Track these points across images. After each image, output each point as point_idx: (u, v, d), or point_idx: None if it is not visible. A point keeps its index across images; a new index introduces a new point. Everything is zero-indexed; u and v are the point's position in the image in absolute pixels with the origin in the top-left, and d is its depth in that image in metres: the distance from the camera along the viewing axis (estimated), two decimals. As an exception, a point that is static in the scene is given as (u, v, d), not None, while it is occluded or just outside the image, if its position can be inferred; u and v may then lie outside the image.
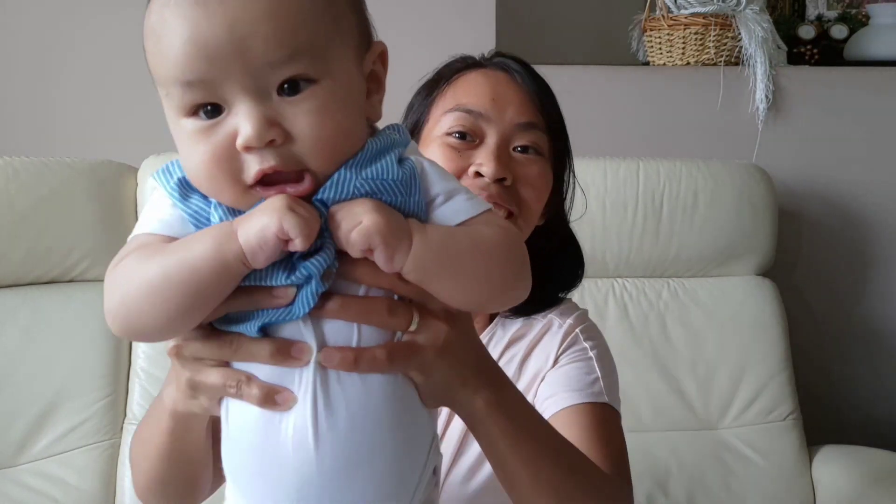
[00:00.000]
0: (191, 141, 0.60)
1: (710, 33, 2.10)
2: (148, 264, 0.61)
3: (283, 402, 0.61)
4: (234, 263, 0.58)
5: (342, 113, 0.61)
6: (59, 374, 1.67)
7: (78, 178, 1.72)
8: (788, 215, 2.05)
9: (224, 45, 0.57)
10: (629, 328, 1.80)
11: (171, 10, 0.59)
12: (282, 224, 0.56)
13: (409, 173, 0.62)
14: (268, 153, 0.58)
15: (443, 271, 0.63)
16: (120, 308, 0.62)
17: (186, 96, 0.60)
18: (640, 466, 1.74)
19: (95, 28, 2.02)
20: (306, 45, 0.59)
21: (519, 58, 1.09)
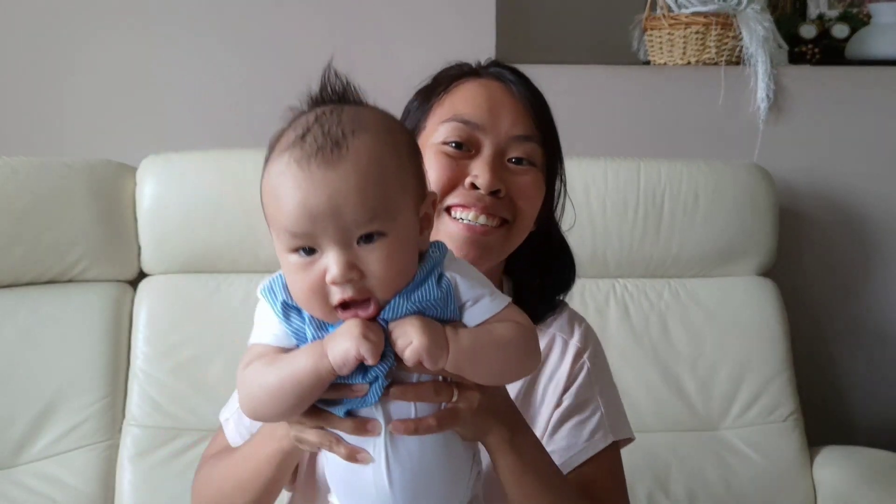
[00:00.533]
0: (293, 271, 0.82)
1: (711, 32, 2.09)
2: (267, 374, 0.84)
3: (363, 460, 0.86)
4: (326, 375, 0.80)
5: (402, 256, 0.81)
6: (58, 375, 1.67)
7: (77, 177, 1.72)
8: (790, 215, 2.05)
9: (324, 210, 0.78)
10: (630, 328, 1.80)
11: (288, 180, 0.80)
12: (359, 349, 0.78)
13: (446, 291, 0.84)
14: (347, 287, 0.80)
15: (472, 366, 0.83)
16: (250, 403, 0.86)
17: (292, 241, 0.80)
18: (641, 466, 1.74)
19: (95, 28, 2.02)
20: (382, 210, 0.79)
21: (515, 68, 1.12)
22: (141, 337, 1.72)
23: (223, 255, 1.76)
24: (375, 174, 0.80)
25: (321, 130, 0.81)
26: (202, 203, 1.74)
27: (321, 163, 0.79)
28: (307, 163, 0.79)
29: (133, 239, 1.77)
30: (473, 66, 1.12)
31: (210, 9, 2.04)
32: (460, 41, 2.06)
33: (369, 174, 0.79)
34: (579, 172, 1.81)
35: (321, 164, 0.79)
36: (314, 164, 0.79)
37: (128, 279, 1.79)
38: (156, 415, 1.68)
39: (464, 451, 0.92)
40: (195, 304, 1.74)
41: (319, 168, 0.79)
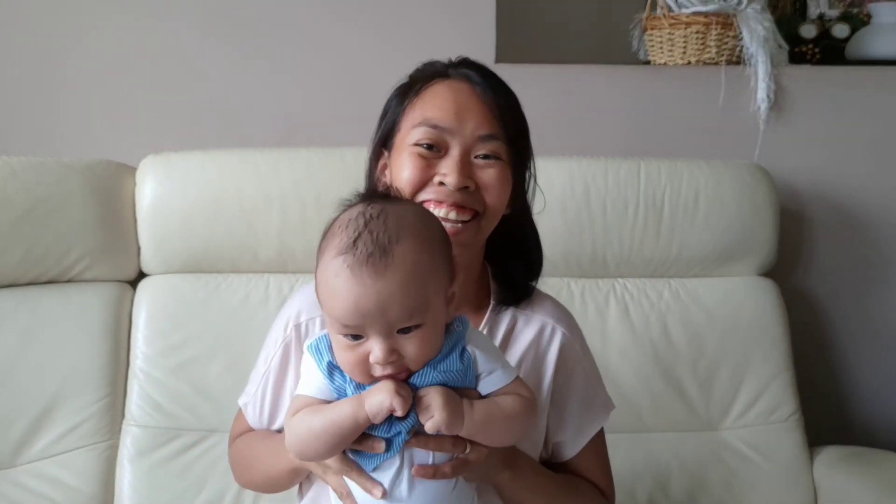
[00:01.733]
0: (342, 349, 0.98)
1: (712, 32, 2.09)
2: (313, 419, 0.99)
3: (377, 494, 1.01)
4: (362, 422, 0.96)
5: (434, 339, 0.98)
6: (58, 375, 1.67)
7: (76, 177, 1.72)
8: (790, 215, 2.05)
9: (373, 311, 0.93)
10: (630, 328, 1.80)
11: (343, 282, 0.94)
12: (392, 402, 0.94)
13: (467, 364, 1.00)
14: (388, 367, 0.96)
15: (483, 434, 1.00)
16: (298, 444, 1.01)
17: (344, 329, 0.96)
18: (641, 467, 1.74)
19: (94, 28, 2.02)
20: (421, 307, 0.95)
21: (482, 66, 1.21)
22: (141, 337, 1.72)
23: (223, 256, 1.76)
24: (416, 278, 0.95)
25: (370, 238, 0.95)
26: (202, 203, 1.73)
27: (371, 271, 0.94)
28: (359, 269, 0.94)
29: (133, 239, 1.77)
30: (445, 65, 1.21)
31: (211, 8, 2.04)
32: (460, 41, 2.05)
33: (410, 279, 0.94)
34: (579, 172, 1.81)
35: (371, 274, 0.94)
36: (365, 272, 0.94)
37: (127, 279, 1.79)
38: (156, 415, 1.68)
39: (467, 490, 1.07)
40: (195, 304, 1.73)
41: (370, 277, 0.94)
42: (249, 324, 1.72)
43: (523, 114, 1.21)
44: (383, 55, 2.06)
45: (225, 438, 1.66)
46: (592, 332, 1.79)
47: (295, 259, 1.76)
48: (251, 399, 1.26)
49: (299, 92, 2.05)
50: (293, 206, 1.73)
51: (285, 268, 1.78)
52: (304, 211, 1.73)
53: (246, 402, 1.28)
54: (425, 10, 2.06)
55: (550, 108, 2.06)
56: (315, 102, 2.07)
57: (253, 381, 1.28)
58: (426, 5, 2.06)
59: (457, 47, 2.03)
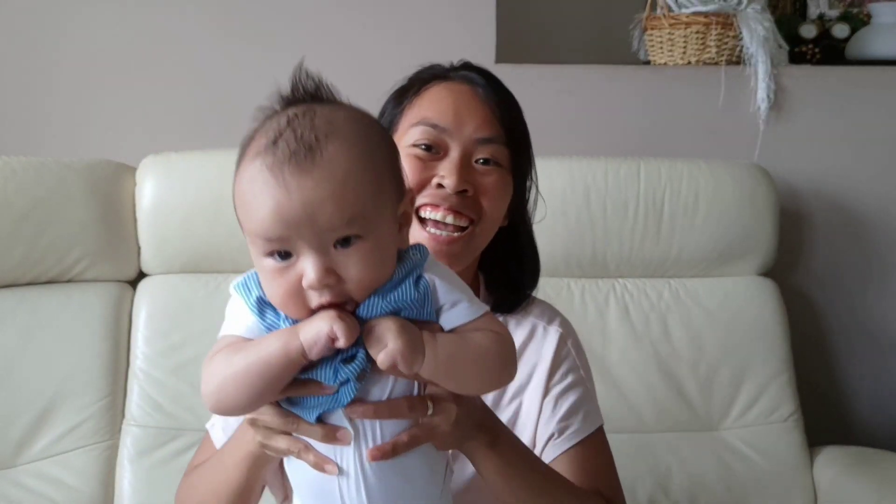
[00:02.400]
0: (270, 276, 0.81)
1: (712, 32, 2.09)
2: (234, 359, 0.82)
3: (330, 471, 0.85)
4: (296, 355, 0.79)
5: (380, 258, 0.81)
6: (58, 375, 1.67)
7: (76, 177, 1.72)
8: (790, 215, 2.05)
9: (298, 217, 0.77)
10: (630, 328, 1.80)
11: (260, 187, 0.79)
12: (332, 327, 0.77)
13: (423, 293, 0.82)
14: (325, 292, 0.79)
15: (448, 374, 0.83)
16: (216, 392, 0.83)
17: (267, 246, 0.80)
18: (642, 467, 1.74)
19: (94, 28, 2.02)
20: (358, 215, 0.79)
21: (484, 69, 1.16)
22: (141, 337, 1.72)
23: (223, 256, 1.76)
24: (351, 179, 0.79)
25: (294, 135, 0.80)
26: (202, 203, 1.73)
27: (294, 170, 0.78)
28: (280, 170, 0.78)
29: (133, 239, 1.77)
30: (445, 68, 1.16)
31: (212, 8, 2.04)
32: (460, 41, 2.06)
33: (345, 180, 0.78)
34: (580, 172, 1.81)
35: (294, 172, 0.78)
36: (287, 171, 0.78)
37: (127, 279, 1.79)
38: (156, 415, 1.68)
39: (438, 459, 0.91)
40: (195, 304, 1.73)
41: (293, 175, 0.78)
42: (249, 324, 1.72)
43: (525, 121, 1.16)
44: (384, 55, 2.05)
45: (225, 438, 1.67)
46: (592, 332, 1.79)
47: (295, 259, 1.76)
48: (220, 419, 1.11)
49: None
50: (293, 206, 1.73)
51: (285, 268, 1.78)
52: (304, 211, 1.73)
53: (214, 422, 1.13)
54: (425, 10, 2.06)
55: (550, 109, 2.07)
56: (315, 102, 2.07)
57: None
58: (426, 5, 2.06)
59: (457, 47, 2.04)
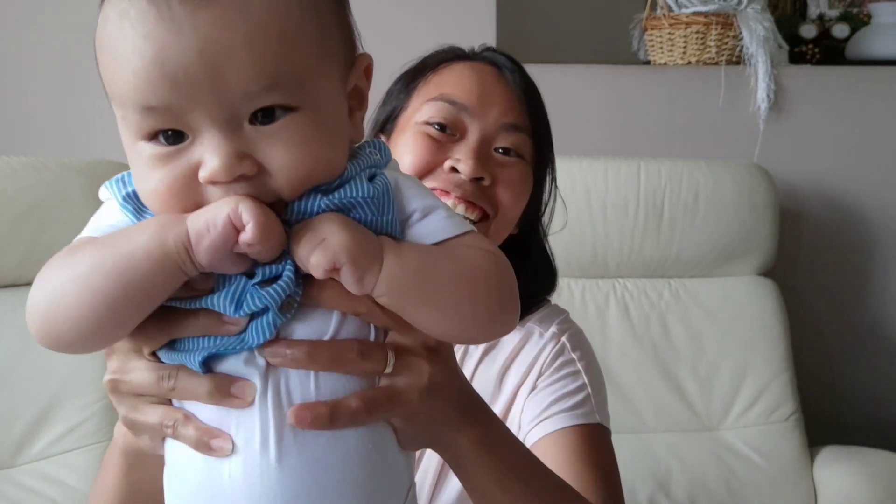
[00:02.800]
0: (147, 166, 0.54)
1: (712, 32, 2.09)
2: (79, 255, 0.54)
3: (219, 448, 0.54)
4: (176, 250, 0.51)
5: (322, 143, 0.55)
6: (58, 376, 1.67)
7: (75, 177, 1.72)
8: (790, 215, 2.05)
9: (194, 71, 0.51)
10: (630, 328, 1.80)
11: (132, 25, 0.52)
12: (237, 207, 0.50)
13: (382, 189, 0.56)
14: (237, 187, 0.52)
15: (420, 294, 0.56)
16: (41, 306, 0.55)
17: (146, 121, 0.53)
18: (642, 467, 1.74)
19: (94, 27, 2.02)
20: (287, 73, 0.53)
21: (510, 56, 1.03)
22: (141, 337, 1.72)
23: (223, 256, 1.76)
24: (277, 18, 0.53)
25: None
26: (202, 203, 1.73)
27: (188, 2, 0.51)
28: (165, 2, 0.51)
29: (133, 239, 1.77)
30: (466, 51, 1.03)
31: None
32: (460, 41, 2.05)
33: (266, 19, 0.52)
34: (580, 172, 1.81)
35: (188, 4, 0.51)
36: (175, 2, 0.51)
37: (127, 279, 1.79)
38: (156, 415, 1.68)
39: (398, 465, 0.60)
40: (195, 304, 1.73)
41: (185, 5, 0.51)
42: (249, 324, 1.72)
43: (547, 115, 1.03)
44: (383, 55, 2.04)
45: (225, 438, 1.67)
46: (593, 333, 1.78)
47: (295, 259, 1.76)
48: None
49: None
50: (293, 206, 1.72)
51: (285, 268, 1.78)
52: (304, 211, 1.73)
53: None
54: (425, 9, 2.06)
55: (550, 109, 2.04)
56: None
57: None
58: (426, 6, 2.06)
59: (457, 47, 2.05)
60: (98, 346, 0.58)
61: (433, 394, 0.60)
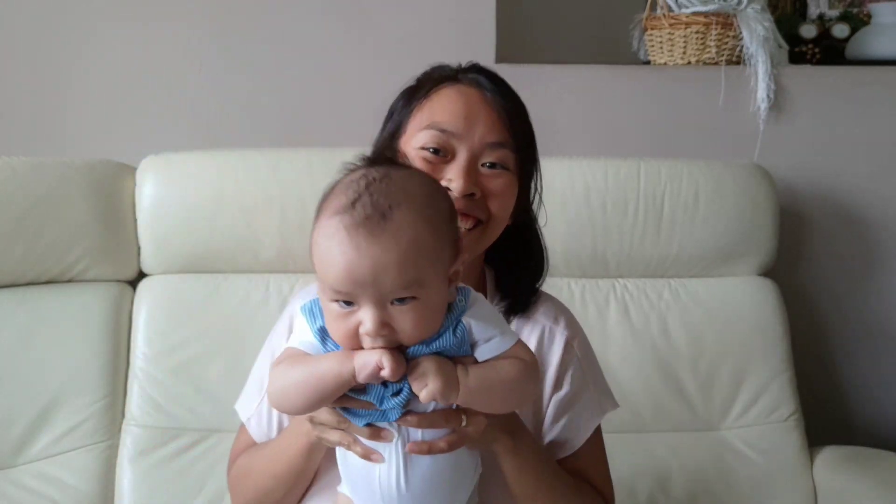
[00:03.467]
0: (333, 317, 0.93)
1: (712, 32, 2.10)
2: (293, 371, 0.95)
3: (375, 460, 0.98)
4: (347, 376, 0.91)
5: (430, 316, 0.92)
6: (58, 375, 1.67)
7: (76, 177, 1.73)
8: (790, 215, 2.05)
9: (366, 278, 0.88)
10: (630, 328, 1.80)
11: (336, 244, 0.89)
12: (381, 359, 0.89)
13: (460, 338, 0.94)
14: (379, 339, 0.90)
15: (479, 401, 0.95)
16: (277, 397, 0.97)
17: (335, 295, 0.91)
18: (642, 467, 1.74)
19: (95, 29, 2.03)
20: (416, 280, 0.89)
21: (493, 73, 1.19)
22: (140, 337, 1.72)
23: (223, 256, 1.76)
24: (414, 249, 0.89)
25: (370, 200, 0.90)
26: (202, 203, 1.74)
27: (367, 234, 0.88)
28: (355, 231, 0.89)
29: (133, 239, 1.77)
30: (455, 70, 1.19)
31: (211, 10, 2.04)
32: (461, 41, 2.06)
33: (408, 249, 0.89)
34: (580, 172, 1.81)
35: (367, 236, 0.88)
36: (361, 234, 0.88)
37: (127, 279, 1.79)
38: (156, 415, 1.68)
39: (469, 458, 1.03)
40: (195, 304, 1.74)
41: (365, 239, 0.88)
42: (249, 324, 1.72)
43: (531, 123, 1.19)
44: (384, 56, 2.06)
45: (225, 438, 1.67)
46: (592, 332, 1.78)
47: (295, 259, 1.76)
48: (254, 414, 1.22)
49: (299, 92, 2.06)
50: (293, 206, 1.73)
51: (285, 268, 1.78)
52: (303, 211, 1.73)
53: (249, 416, 1.23)
54: (425, 10, 2.06)
55: (550, 109, 2.06)
56: (315, 103, 2.07)
57: (254, 391, 1.24)
58: (426, 6, 2.06)
59: (457, 47, 2.05)
60: (308, 413, 0.99)
61: (486, 432, 1.00)
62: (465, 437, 0.98)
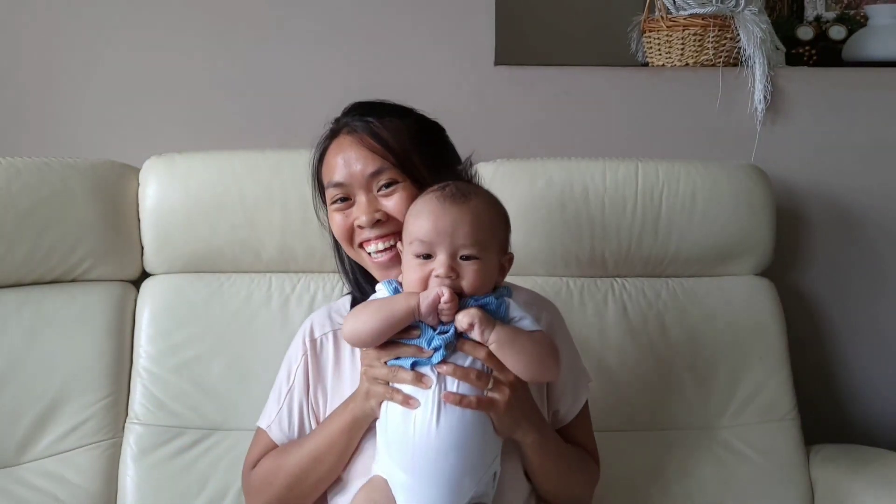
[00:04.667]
0: (412, 268, 1.19)
1: (709, 34, 2.10)
2: (371, 305, 1.22)
3: (413, 405, 1.17)
4: (413, 305, 1.16)
5: (484, 276, 1.19)
6: (62, 374, 1.68)
7: (80, 178, 1.73)
8: (787, 215, 2.06)
9: (447, 228, 1.18)
10: (628, 328, 1.81)
11: (429, 206, 1.21)
12: (442, 289, 1.15)
13: (501, 303, 1.20)
14: (446, 281, 1.17)
15: (509, 350, 1.17)
16: (352, 325, 1.20)
17: (419, 248, 1.19)
18: (639, 465, 1.75)
19: (98, 29, 2.03)
20: (479, 243, 1.18)
21: (366, 104, 1.39)
22: (144, 336, 1.73)
23: (225, 256, 1.77)
24: (484, 219, 1.20)
25: (456, 188, 1.22)
26: (205, 204, 1.75)
27: (452, 202, 1.20)
28: (443, 199, 1.20)
29: (136, 239, 1.78)
30: (337, 123, 1.39)
31: (213, 11, 2.05)
32: (459, 43, 2.07)
33: (479, 219, 1.19)
34: (578, 173, 1.82)
35: (452, 203, 1.19)
36: (447, 201, 1.20)
37: (131, 279, 1.80)
38: (159, 413, 1.69)
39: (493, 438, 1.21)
40: (197, 303, 1.75)
41: (451, 204, 1.19)
42: (252, 323, 1.74)
43: (416, 129, 1.35)
44: (384, 57, 2.07)
45: (228, 436, 1.68)
46: (591, 332, 1.80)
47: (297, 259, 1.77)
48: (275, 420, 1.38)
49: (301, 93, 2.06)
50: (295, 206, 1.74)
51: (287, 267, 1.79)
52: (305, 211, 1.73)
53: (269, 423, 1.38)
54: (425, 12, 2.07)
55: (549, 110, 2.08)
56: (316, 104, 2.06)
57: (272, 402, 1.40)
58: (426, 7, 2.07)
59: (456, 49, 2.07)
60: (372, 345, 1.21)
61: (511, 406, 1.20)
62: (490, 402, 1.17)
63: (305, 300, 1.76)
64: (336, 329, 1.37)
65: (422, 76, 2.06)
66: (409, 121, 1.36)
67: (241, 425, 1.66)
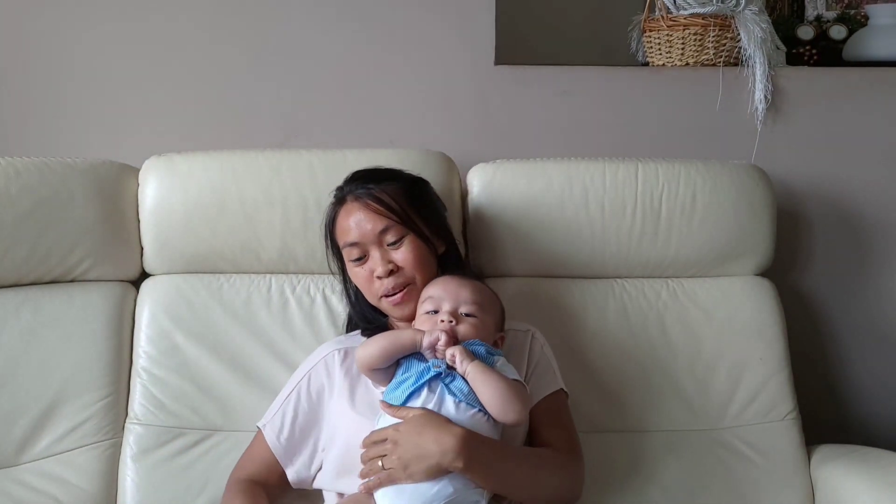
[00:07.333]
0: (422, 321, 1.44)
1: (710, 34, 2.10)
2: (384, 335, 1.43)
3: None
4: (418, 340, 1.39)
5: (480, 332, 1.42)
6: (61, 374, 1.68)
7: (79, 178, 1.73)
8: (787, 215, 2.06)
9: (451, 291, 1.44)
10: (628, 328, 1.81)
11: (442, 279, 1.50)
12: (441, 334, 1.37)
13: (491, 356, 1.39)
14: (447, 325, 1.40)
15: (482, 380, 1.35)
16: (365, 350, 1.41)
17: (429, 305, 1.45)
18: (639, 465, 1.75)
19: (98, 29, 2.03)
20: (480, 304, 1.44)
21: (366, 172, 1.58)
22: (143, 336, 1.73)
23: (225, 256, 1.77)
24: (483, 291, 1.47)
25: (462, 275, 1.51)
26: (204, 204, 1.75)
27: (460, 277, 1.48)
28: (453, 276, 1.48)
29: (135, 239, 1.78)
30: (342, 191, 1.56)
31: (214, 11, 2.05)
32: (460, 43, 2.07)
33: (479, 288, 1.46)
34: (577, 173, 1.82)
35: (460, 277, 1.48)
36: (456, 277, 1.48)
37: (130, 279, 1.80)
38: (158, 413, 1.69)
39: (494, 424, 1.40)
40: (197, 304, 1.75)
41: (459, 277, 1.47)
42: (251, 323, 1.74)
43: (409, 184, 1.55)
44: (384, 58, 2.07)
45: (227, 437, 1.69)
46: (591, 332, 1.80)
47: (296, 260, 1.77)
48: (269, 420, 1.53)
49: (301, 94, 2.06)
50: (295, 207, 1.74)
51: (287, 268, 1.79)
52: (305, 212, 1.74)
53: (265, 422, 1.53)
54: (425, 12, 2.07)
55: (549, 110, 2.08)
56: (317, 104, 2.08)
57: (274, 404, 1.55)
58: (426, 8, 2.07)
59: (456, 49, 2.07)
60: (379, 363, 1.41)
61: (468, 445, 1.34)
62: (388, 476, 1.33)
63: (305, 301, 1.76)
64: (349, 348, 1.53)
65: (422, 76, 2.07)
66: (401, 182, 1.55)
67: (241, 426, 1.66)
